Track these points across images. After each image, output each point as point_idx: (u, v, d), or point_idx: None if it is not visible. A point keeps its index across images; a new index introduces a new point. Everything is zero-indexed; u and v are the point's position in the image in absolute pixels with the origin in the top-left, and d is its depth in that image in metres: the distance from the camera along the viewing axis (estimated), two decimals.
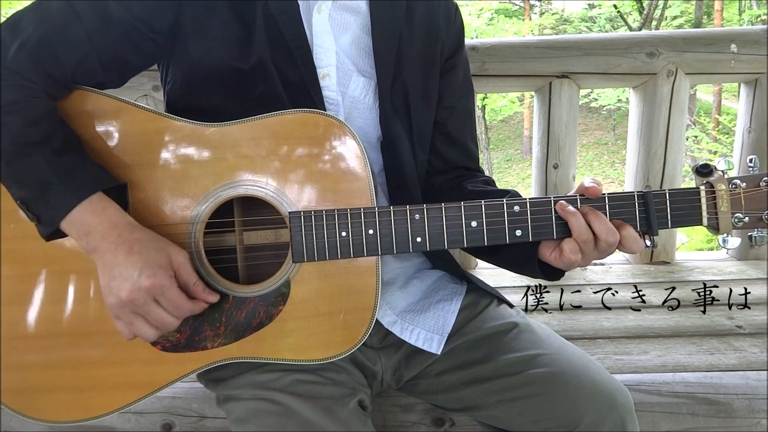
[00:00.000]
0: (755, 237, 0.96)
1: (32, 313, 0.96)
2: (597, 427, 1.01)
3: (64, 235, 0.90)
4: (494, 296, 1.21)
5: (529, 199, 0.96)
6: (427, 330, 1.11)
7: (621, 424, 1.02)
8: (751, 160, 0.96)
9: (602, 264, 2.20)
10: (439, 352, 1.10)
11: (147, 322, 0.89)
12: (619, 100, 14.81)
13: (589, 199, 0.95)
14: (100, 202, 0.88)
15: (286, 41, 1.00)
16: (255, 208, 1.00)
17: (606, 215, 0.95)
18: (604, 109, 16.49)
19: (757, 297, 1.81)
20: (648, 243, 0.96)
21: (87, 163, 0.90)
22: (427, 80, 1.13)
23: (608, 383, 1.05)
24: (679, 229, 2.54)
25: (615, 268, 2.16)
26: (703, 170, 0.96)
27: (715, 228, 0.96)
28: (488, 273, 2.13)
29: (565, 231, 0.95)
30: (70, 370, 0.97)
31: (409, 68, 1.09)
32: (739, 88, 2.19)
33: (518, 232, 0.96)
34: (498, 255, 1.10)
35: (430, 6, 1.13)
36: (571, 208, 0.94)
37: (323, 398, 0.99)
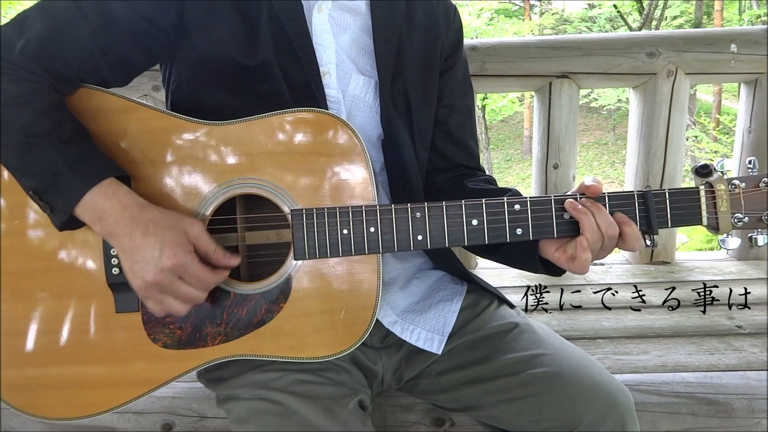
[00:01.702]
0: (755, 238, 0.96)
1: (33, 310, 0.96)
2: (597, 427, 1.01)
3: (76, 224, 0.90)
4: (495, 297, 1.21)
5: (530, 197, 0.96)
6: (428, 330, 1.11)
7: (621, 424, 1.02)
8: (750, 162, 0.97)
9: (602, 264, 2.20)
10: (439, 352, 1.10)
11: (176, 299, 0.89)
12: (619, 100, 14.82)
13: (591, 198, 0.95)
14: (110, 186, 0.88)
15: (290, 41, 1.00)
16: (258, 207, 1.00)
17: None
18: (604, 109, 16.49)
19: (757, 297, 1.81)
20: (648, 242, 0.97)
21: (95, 152, 0.91)
22: (427, 79, 1.14)
23: (608, 383, 1.05)
24: (679, 229, 2.55)
25: (615, 268, 2.16)
26: (703, 171, 0.97)
27: (714, 228, 0.97)
28: (488, 273, 2.13)
29: (566, 230, 0.95)
30: (70, 367, 0.97)
31: (409, 68, 1.10)
32: (739, 88, 2.20)
33: (519, 231, 0.96)
34: (498, 252, 1.11)
35: (430, 7, 1.14)
36: (581, 207, 0.94)
37: (323, 398, 0.99)
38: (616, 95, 14.60)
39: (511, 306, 1.21)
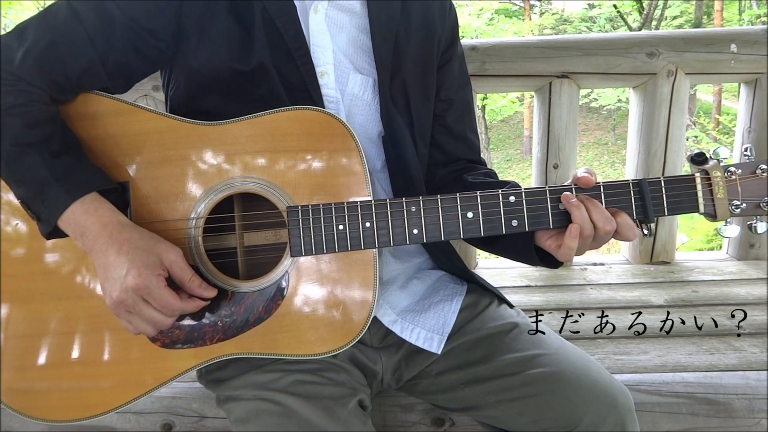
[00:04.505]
0: (755, 226, 0.95)
1: (33, 312, 0.96)
2: (597, 427, 1.01)
3: (63, 234, 0.91)
4: (495, 297, 1.21)
5: (525, 189, 0.96)
6: (428, 329, 1.11)
7: (621, 424, 1.02)
8: (746, 149, 0.96)
9: (602, 264, 2.21)
10: (439, 352, 1.10)
11: (143, 320, 0.90)
12: (619, 100, 14.82)
13: (585, 188, 0.95)
14: (92, 203, 0.89)
15: (285, 42, 1.01)
16: (255, 205, 1.00)
17: (602, 204, 0.95)
18: (604, 109, 16.49)
19: (757, 297, 1.81)
20: (645, 231, 0.96)
21: (83, 165, 0.92)
22: (425, 75, 1.14)
23: (608, 383, 1.05)
24: (679, 229, 2.54)
25: (615, 268, 2.16)
26: (698, 158, 0.96)
27: (712, 215, 0.96)
28: (488, 273, 2.13)
29: (562, 220, 0.95)
30: (70, 368, 0.97)
31: (408, 64, 1.10)
32: (739, 88, 2.20)
33: (514, 222, 0.96)
34: (495, 244, 1.11)
35: (425, 4, 1.15)
36: (575, 200, 0.94)
37: (323, 398, 0.99)
38: (616, 95, 14.60)
39: (511, 306, 1.21)
